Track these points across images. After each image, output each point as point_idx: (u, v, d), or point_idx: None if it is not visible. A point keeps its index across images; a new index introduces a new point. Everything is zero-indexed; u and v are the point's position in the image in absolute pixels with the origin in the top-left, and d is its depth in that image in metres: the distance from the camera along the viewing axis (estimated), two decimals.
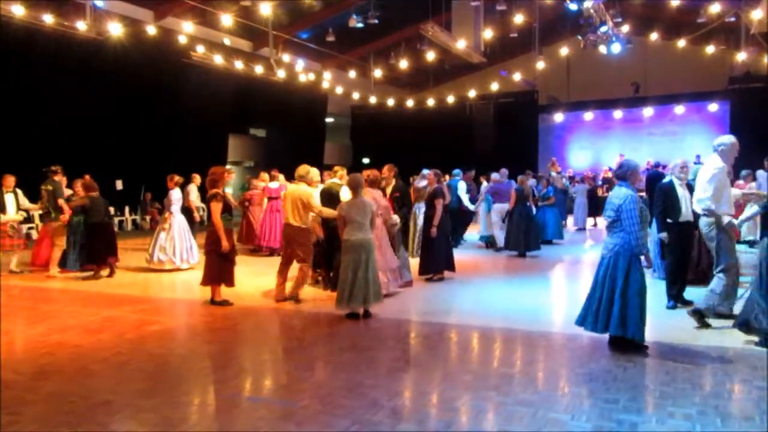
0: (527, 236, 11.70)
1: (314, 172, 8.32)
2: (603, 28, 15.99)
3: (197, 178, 12.09)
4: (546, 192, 13.87)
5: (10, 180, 9.98)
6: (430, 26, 15.32)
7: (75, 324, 6.71)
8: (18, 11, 12.23)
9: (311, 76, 21.25)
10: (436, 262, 9.11)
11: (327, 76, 22.37)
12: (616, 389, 4.45)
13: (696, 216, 6.57)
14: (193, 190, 11.96)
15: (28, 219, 13.25)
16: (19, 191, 10.17)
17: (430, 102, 24.77)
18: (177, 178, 10.56)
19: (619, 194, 5.28)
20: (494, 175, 13.31)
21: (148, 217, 18.28)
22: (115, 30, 14.07)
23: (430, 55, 19.23)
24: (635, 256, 5.21)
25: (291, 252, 7.76)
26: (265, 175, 13.30)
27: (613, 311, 5.19)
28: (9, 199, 9.89)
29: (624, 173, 5.38)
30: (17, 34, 12.92)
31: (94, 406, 4.27)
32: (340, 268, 6.79)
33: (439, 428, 3.87)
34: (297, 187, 7.81)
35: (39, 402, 4.40)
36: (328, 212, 7.56)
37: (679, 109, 23.25)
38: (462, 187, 13.02)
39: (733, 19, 17.39)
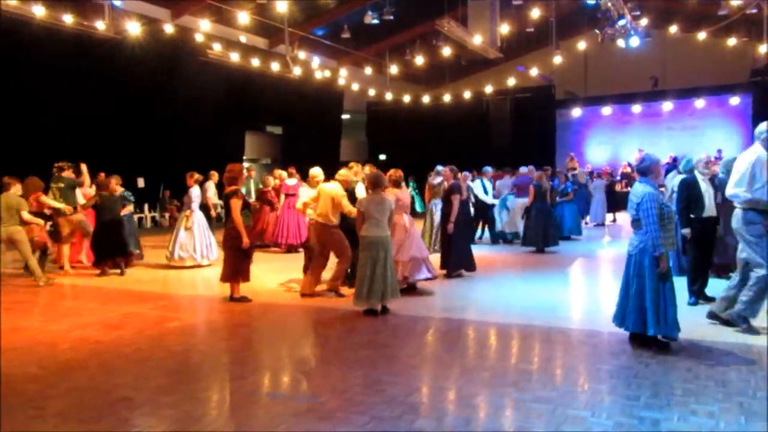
0: (546, 232, 11.65)
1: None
2: (621, 22, 15.78)
3: (215, 176, 12.16)
4: (564, 188, 13.77)
5: None
6: (446, 22, 15.23)
7: (96, 320, 6.79)
8: (38, 11, 12.38)
9: (327, 73, 21.25)
10: (455, 259, 9.07)
11: (343, 72, 22.36)
12: (637, 386, 4.41)
13: (725, 211, 6.39)
14: (210, 187, 12.03)
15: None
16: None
17: (446, 98, 24.66)
18: (197, 175, 10.61)
19: (637, 192, 5.19)
20: (522, 169, 13.27)
21: (167, 215, 18.45)
22: (133, 29, 14.18)
23: (446, 51, 19.14)
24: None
25: (325, 250, 7.83)
26: (279, 172, 13.30)
27: (648, 310, 5.09)
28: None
29: (646, 168, 5.28)
30: (38, 34, 13.09)
31: (116, 402, 4.31)
32: (358, 265, 6.80)
33: (457, 425, 3.86)
34: (333, 186, 7.76)
35: (62, 396, 4.45)
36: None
37: (699, 102, 22.91)
38: (478, 185, 12.95)
39: (755, 10, 17.10)
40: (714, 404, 4.05)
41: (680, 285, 7.03)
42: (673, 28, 20.04)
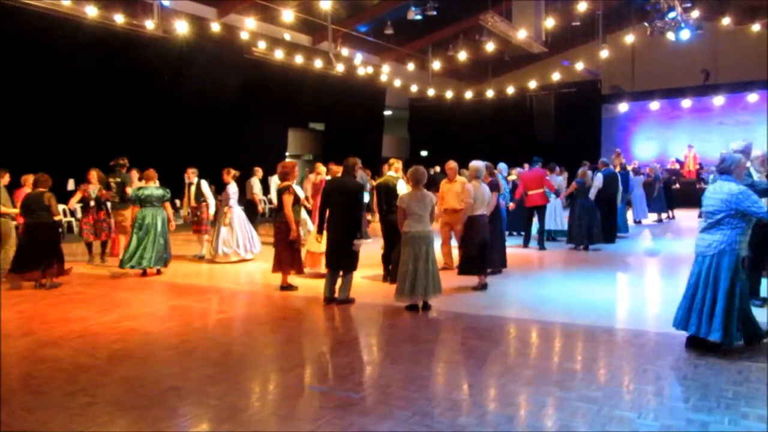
0: (590, 230, 11.44)
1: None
2: (671, 14, 15.36)
3: (259, 172, 12.32)
4: None
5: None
6: (489, 16, 15.07)
7: (145, 312, 6.99)
8: (91, 11, 12.77)
9: (369, 70, 21.29)
10: (493, 256, 8.98)
11: (385, 69, 22.38)
12: (685, 388, 4.31)
13: None
14: (255, 183, 12.18)
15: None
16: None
17: (489, 93, 24.45)
18: (233, 171, 10.71)
19: (730, 190, 4.90)
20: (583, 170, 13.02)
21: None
22: (181, 28, 14.48)
23: (490, 46, 18.94)
24: (740, 256, 4.88)
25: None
26: (321, 167, 13.34)
27: (716, 314, 4.89)
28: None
29: (728, 167, 5.01)
30: (93, 33, 13.51)
31: (164, 391, 4.44)
32: (400, 261, 6.81)
33: (500, 422, 3.84)
34: None
35: (113, 385, 4.61)
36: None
37: (753, 97, 22.14)
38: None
39: None
40: (765, 408, 3.94)
41: None
42: (726, 20, 19.38)
